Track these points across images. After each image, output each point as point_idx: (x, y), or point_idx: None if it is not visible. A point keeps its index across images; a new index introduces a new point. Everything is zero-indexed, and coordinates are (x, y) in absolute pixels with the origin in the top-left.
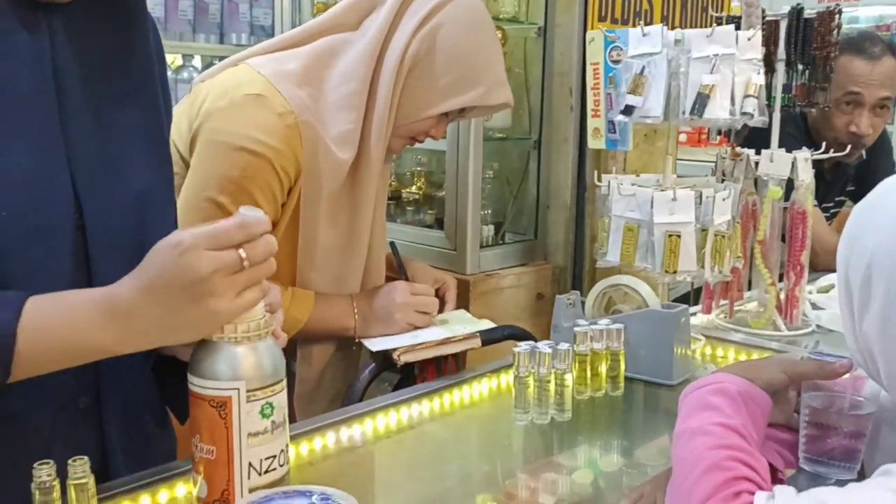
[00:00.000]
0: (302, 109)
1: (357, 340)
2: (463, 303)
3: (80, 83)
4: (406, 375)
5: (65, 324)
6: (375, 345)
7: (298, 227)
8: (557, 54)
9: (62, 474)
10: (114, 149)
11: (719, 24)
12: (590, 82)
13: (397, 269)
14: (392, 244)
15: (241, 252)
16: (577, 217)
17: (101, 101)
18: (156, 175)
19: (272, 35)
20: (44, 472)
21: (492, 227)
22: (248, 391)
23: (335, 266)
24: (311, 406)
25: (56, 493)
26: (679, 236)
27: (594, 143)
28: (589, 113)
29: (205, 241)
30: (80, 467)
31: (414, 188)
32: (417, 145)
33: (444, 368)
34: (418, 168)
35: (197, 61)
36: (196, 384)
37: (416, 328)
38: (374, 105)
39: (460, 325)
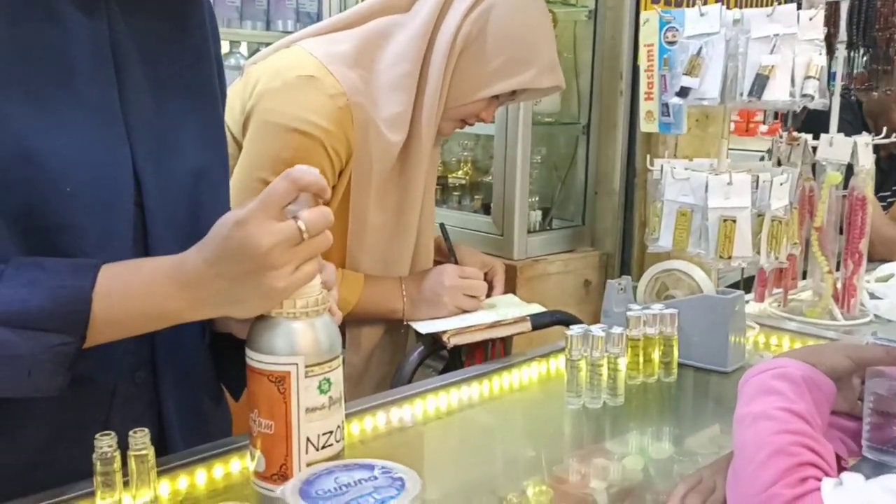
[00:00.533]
0: (353, 91)
1: (405, 323)
2: (510, 288)
3: (138, 61)
4: (453, 359)
5: (137, 290)
6: (424, 327)
7: (348, 210)
8: (608, 38)
9: (122, 446)
10: (170, 126)
11: (779, 3)
12: (643, 64)
13: (446, 253)
14: (442, 226)
15: (300, 224)
16: (626, 203)
17: (157, 79)
18: (211, 154)
19: (319, 19)
20: (105, 442)
21: (539, 213)
22: (306, 366)
23: (384, 248)
24: (359, 389)
25: (117, 464)
26: (734, 221)
27: (647, 126)
28: (641, 96)
29: (261, 210)
30: (141, 439)
31: (460, 173)
32: (465, 129)
33: (491, 352)
34: (464, 153)
35: (244, 48)
36: (254, 359)
37: (465, 312)
38: (426, 87)
39: (509, 309)
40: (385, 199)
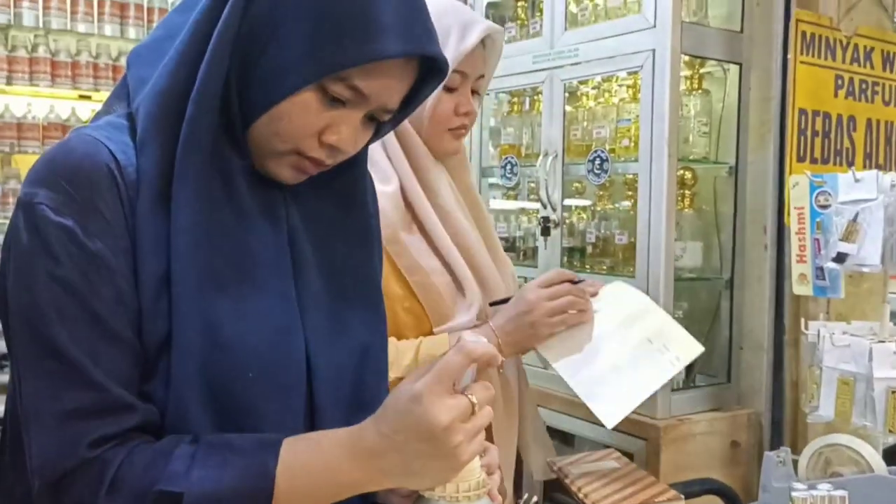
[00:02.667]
0: None
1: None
2: (653, 449)
3: (310, 245)
4: None
5: (317, 464)
6: (609, 415)
7: (401, 274)
8: (749, 192)
9: None
10: (339, 306)
11: None
12: (794, 227)
13: None
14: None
15: (472, 398)
16: (776, 360)
17: (326, 260)
18: (374, 331)
19: None
20: None
21: (682, 370)
22: None
23: (452, 271)
24: None
25: None
26: None
27: (800, 288)
28: (793, 258)
29: (436, 384)
30: None
31: None
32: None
33: None
34: None
35: None
36: None
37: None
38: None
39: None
40: (424, 245)
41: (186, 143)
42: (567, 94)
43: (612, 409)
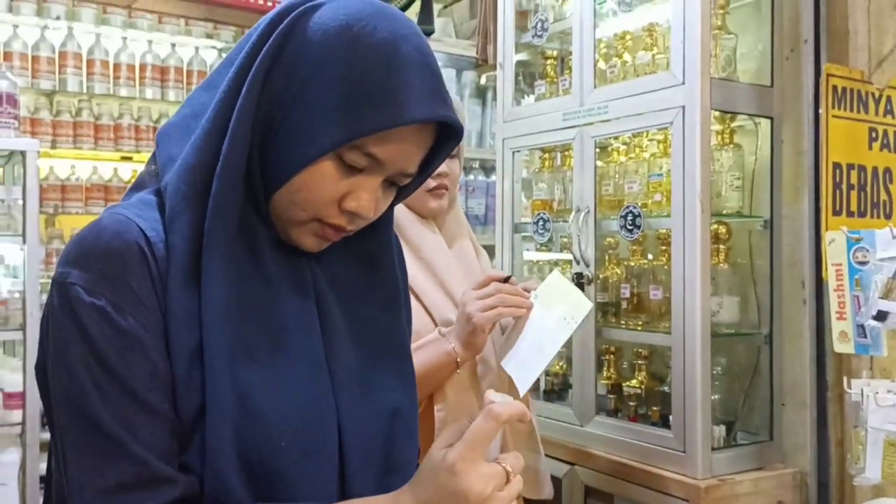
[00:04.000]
0: None
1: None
2: None
3: (337, 307)
4: None
5: None
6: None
7: None
8: (785, 246)
9: None
10: (368, 369)
11: None
12: (832, 283)
13: None
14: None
15: (506, 465)
16: (819, 416)
17: (355, 323)
18: (405, 392)
19: (485, 224)
20: None
21: (722, 428)
22: None
23: (429, 311)
24: None
25: None
26: None
27: (841, 346)
28: (832, 315)
29: (469, 452)
30: None
31: (635, 382)
32: (635, 337)
33: None
34: (639, 361)
35: None
36: None
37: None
38: None
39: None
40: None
41: (213, 217)
42: (598, 150)
43: (525, 379)
